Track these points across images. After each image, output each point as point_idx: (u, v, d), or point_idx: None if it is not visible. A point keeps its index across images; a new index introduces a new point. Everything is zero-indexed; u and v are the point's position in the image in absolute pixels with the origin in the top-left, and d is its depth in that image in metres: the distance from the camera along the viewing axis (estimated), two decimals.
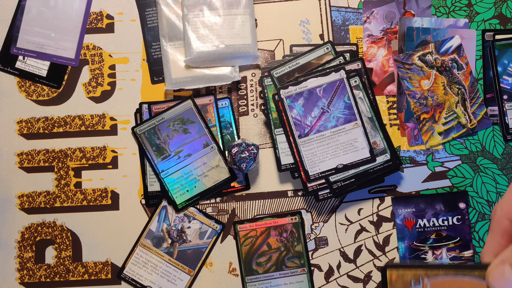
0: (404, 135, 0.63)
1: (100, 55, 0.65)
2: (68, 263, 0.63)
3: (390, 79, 0.64)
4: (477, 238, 0.62)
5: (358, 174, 0.59)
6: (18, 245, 0.63)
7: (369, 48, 0.64)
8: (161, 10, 0.64)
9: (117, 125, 0.64)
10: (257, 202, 0.63)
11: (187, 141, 0.62)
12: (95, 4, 0.66)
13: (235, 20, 0.62)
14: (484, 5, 0.64)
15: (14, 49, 0.65)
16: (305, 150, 0.59)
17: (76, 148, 0.64)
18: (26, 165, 0.64)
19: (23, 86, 0.65)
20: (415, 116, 0.63)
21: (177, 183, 0.62)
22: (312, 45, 0.64)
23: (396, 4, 0.64)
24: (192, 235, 0.62)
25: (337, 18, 0.65)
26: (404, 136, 0.63)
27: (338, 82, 0.59)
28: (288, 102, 0.59)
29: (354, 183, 0.59)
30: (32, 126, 0.64)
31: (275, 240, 0.62)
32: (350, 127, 0.59)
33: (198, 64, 0.63)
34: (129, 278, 0.62)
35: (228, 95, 0.64)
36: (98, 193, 0.63)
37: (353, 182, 0.59)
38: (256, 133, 0.64)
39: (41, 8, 0.65)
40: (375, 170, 0.59)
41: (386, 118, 0.63)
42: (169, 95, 0.64)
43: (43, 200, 0.63)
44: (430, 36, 0.63)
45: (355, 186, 0.60)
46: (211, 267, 0.62)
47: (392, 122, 0.63)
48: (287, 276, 0.61)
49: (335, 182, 0.59)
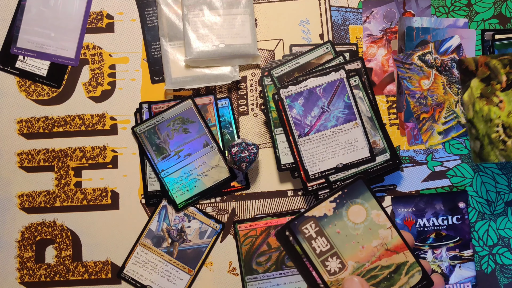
0: (403, 135, 0.63)
1: (100, 55, 0.65)
2: (68, 263, 0.63)
3: (389, 78, 0.64)
4: (477, 238, 0.62)
5: (358, 173, 0.59)
6: (18, 245, 0.63)
7: (369, 48, 0.64)
8: (161, 9, 0.64)
9: (117, 124, 0.64)
10: (257, 201, 0.63)
11: (187, 141, 0.62)
12: (95, 4, 0.66)
13: (235, 20, 0.63)
14: (484, 5, 0.64)
15: (14, 49, 0.65)
16: (305, 150, 0.59)
17: (76, 148, 0.64)
18: (26, 165, 0.64)
19: (23, 86, 0.65)
20: (415, 115, 0.63)
21: (177, 183, 0.62)
22: (312, 45, 0.64)
23: (395, 4, 0.64)
24: (192, 235, 0.62)
25: (337, 18, 0.65)
26: (403, 136, 0.63)
27: (338, 81, 0.59)
28: (288, 102, 0.59)
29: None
30: (32, 126, 0.64)
31: (275, 239, 0.62)
32: (350, 126, 0.59)
33: (198, 63, 0.63)
34: (129, 277, 0.62)
35: (228, 95, 0.64)
36: (98, 193, 0.63)
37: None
38: (256, 133, 0.64)
39: (41, 8, 0.65)
40: (375, 170, 0.59)
41: (386, 118, 0.63)
42: (169, 95, 0.64)
43: (43, 200, 0.63)
44: (429, 35, 0.63)
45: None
46: (211, 267, 0.62)
47: (392, 121, 0.63)
48: (287, 276, 0.61)
49: (335, 181, 0.59)
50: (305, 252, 0.37)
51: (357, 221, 0.37)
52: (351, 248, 0.37)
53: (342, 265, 0.37)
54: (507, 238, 0.62)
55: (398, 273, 0.37)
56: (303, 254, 0.37)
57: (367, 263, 0.37)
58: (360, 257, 0.37)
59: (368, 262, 0.37)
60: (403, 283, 0.37)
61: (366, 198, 0.38)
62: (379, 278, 0.37)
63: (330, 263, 0.37)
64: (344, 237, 0.37)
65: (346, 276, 0.36)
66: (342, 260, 0.37)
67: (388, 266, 0.37)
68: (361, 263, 0.37)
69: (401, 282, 0.37)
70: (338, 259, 0.37)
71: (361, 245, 0.37)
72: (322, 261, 0.37)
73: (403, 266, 0.37)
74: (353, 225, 0.37)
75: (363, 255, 0.37)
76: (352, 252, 0.37)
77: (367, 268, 0.37)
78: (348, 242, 0.37)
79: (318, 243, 0.37)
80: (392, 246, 0.37)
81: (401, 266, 0.37)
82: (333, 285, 0.37)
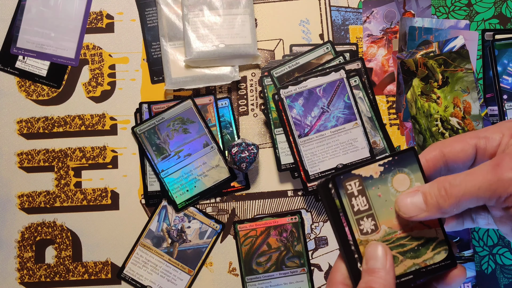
0: (403, 135, 0.63)
1: (100, 55, 0.65)
2: (68, 263, 0.63)
3: (389, 79, 0.64)
4: (477, 238, 0.62)
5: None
6: (18, 245, 0.63)
7: (369, 48, 0.64)
8: (161, 10, 0.64)
9: (117, 125, 0.64)
10: (257, 202, 0.63)
11: (187, 141, 0.62)
12: (95, 4, 0.66)
13: (235, 20, 0.62)
14: (484, 5, 0.64)
15: (14, 49, 0.65)
16: (305, 150, 0.59)
17: (76, 148, 0.64)
18: (26, 165, 0.64)
19: (23, 86, 0.65)
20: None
21: (177, 183, 0.62)
22: (312, 45, 0.64)
23: (396, 4, 0.64)
24: (192, 235, 0.62)
25: (337, 18, 0.65)
26: (403, 136, 0.63)
27: (338, 81, 0.59)
28: (288, 102, 0.59)
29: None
30: (32, 126, 0.64)
31: (275, 239, 0.62)
32: (350, 126, 0.59)
33: (198, 64, 0.63)
34: (129, 278, 0.62)
35: (228, 95, 0.64)
36: (98, 193, 0.63)
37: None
38: (256, 133, 0.64)
39: (41, 8, 0.65)
40: None
41: (386, 118, 0.63)
42: (169, 95, 0.64)
43: (43, 200, 0.63)
44: (432, 36, 0.63)
45: None
46: (211, 267, 0.62)
47: (392, 121, 0.63)
48: (287, 276, 0.61)
49: None
50: (343, 207, 0.38)
51: (399, 189, 0.38)
52: (388, 214, 0.38)
53: (375, 227, 0.38)
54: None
55: (425, 247, 0.38)
56: (341, 208, 0.38)
57: (399, 231, 0.38)
58: (393, 224, 0.38)
59: (400, 231, 0.38)
60: (428, 258, 0.38)
61: (413, 170, 0.38)
62: (407, 248, 0.38)
63: (365, 223, 0.38)
64: (384, 202, 0.38)
65: (372, 242, 0.37)
66: (376, 223, 0.38)
67: (418, 238, 0.38)
68: (393, 230, 0.38)
69: (426, 256, 0.38)
70: (373, 220, 0.38)
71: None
72: (357, 220, 0.38)
73: (432, 241, 0.38)
74: (395, 192, 0.38)
75: (397, 222, 0.38)
76: (388, 217, 0.38)
77: (397, 236, 0.38)
78: (386, 207, 0.38)
79: (358, 201, 0.38)
80: (427, 220, 0.38)
81: (430, 241, 0.38)
82: (362, 244, 0.38)
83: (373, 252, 0.37)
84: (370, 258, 0.37)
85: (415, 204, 0.36)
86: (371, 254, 0.37)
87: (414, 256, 0.38)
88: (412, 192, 0.37)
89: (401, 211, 0.36)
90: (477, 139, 0.37)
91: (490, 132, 0.37)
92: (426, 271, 0.37)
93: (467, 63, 0.60)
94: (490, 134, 0.37)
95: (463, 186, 0.34)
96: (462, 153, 0.38)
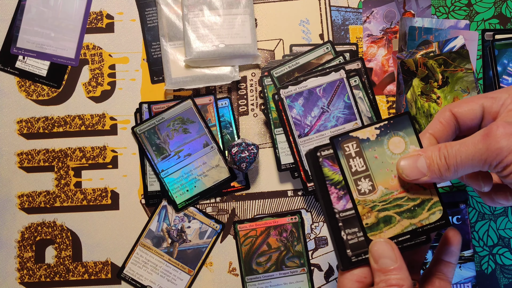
0: None
1: (100, 55, 0.65)
2: (68, 263, 0.63)
3: (390, 79, 0.64)
4: (477, 238, 0.62)
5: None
6: (18, 245, 0.63)
7: (369, 48, 0.64)
8: (161, 10, 0.64)
9: (117, 125, 0.64)
10: (257, 202, 0.63)
11: (187, 141, 0.62)
12: (95, 4, 0.66)
13: (235, 20, 0.63)
14: (484, 5, 0.64)
15: (14, 49, 0.65)
16: (305, 150, 0.59)
17: (76, 148, 0.64)
18: (26, 165, 0.64)
19: (23, 86, 0.65)
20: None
21: (177, 183, 0.62)
22: (312, 45, 0.64)
23: (396, 4, 0.64)
24: (192, 235, 0.62)
25: (337, 18, 0.65)
26: None
27: (338, 81, 0.59)
28: (288, 102, 0.59)
29: None
30: (32, 126, 0.64)
31: (275, 239, 0.62)
32: (350, 127, 0.59)
33: (198, 63, 0.63)
34: (129, 277, 0.62)
35: (228, 95, 0.64)
36: (98, 193, 0.63)
37: None
38: (256, 133, 0.64)
39: (41, 8, 0.65)
40: None
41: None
42: (169, 95, 0.64)
43: (43, 200, 0.63)
44: (432, 36, 0.63)
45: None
46: (211, 267, 0.62)
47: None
48: (287, 276, 0.61)
49: None
50: (341, 168, 0.40)
51: (395, 152, 0.40)
52: (384, 174, 0.39)
53: (372, 187, 0.39)
54: (507, 238, 0.62)
55: (421, 207, 0.39)
56: (327, 176, 0.40)
57: (396, 191, 0.39)
58: (390, 185, 0.39)
59: (397, 191, 0.39)
60: (423, 218, 0.39)
61: (408, 133, 0.40)
62: (403, 208, 0.39)
63: (362, 184, 0.39)
64: (380, 163, 0.40)
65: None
66: (373, 183, 0.39)
67: (413, 199, 0.39)
68: (390, 190, 0.39)
69: (422, 216, 0.39)
70: (370, 181, 0.39)
71: (394, 174, 0.39)
72: (355, 180, 0.40)
73: (427, 202, 0.39)
74: (391, 154, 0.40)
75: (394, 183, 0.39)
76: (384, 178, 0.39)
77: (394, 196, 0.39)
78: (382, 168, 0.39)
79: (355, 162, 0.40)
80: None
81: (426, 201, 0.39)
82: (360, 204, 0.39)
83: (381, 250, 0.37)
84: (379, 256, 0.37)
85: (419, 168, 0.37)
86: (379, 253, 0.37)
87: (411, 216, 0.39)
88: (415, 155, 0.38)
89: (404, 174, 0.38)
90: (484, 99, 0.39)
91: (498, 93, 0.39)
92: (422, 230, 0.39)
93: (467, 63, 0.60)
94: (498, 94, 0.39)
95: (458, 156, 0.36)
96: (469, 112, 0.39)
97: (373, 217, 0.39)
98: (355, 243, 0.39)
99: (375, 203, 0.39)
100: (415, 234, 0.39)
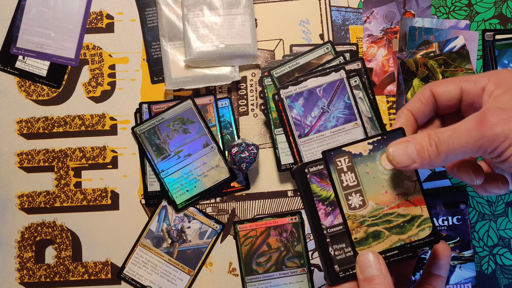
0: None
1: (100, 55, 0.65)
2: (68, 263, 0.63)
3: (390, 79, 0.64)
4: (477, 238, 0.62)
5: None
6: (18, 245, 0.63)
7: (369, 48, 0.64)
8: (161, 10, 0.64)
9: (117, 125, 0.64)
10: (257, 202, 0.63)
11: (187, 141, 0.62)
12: (95, 4, 0.66)
13: (235, 20, 0.62)
14: (484, 5, 0.64)
15: (14, 49, 0.65)
16: (305, 150, 0.59)
17: (76, 148, 0.64)
18: (26, 165, 0.64)
19: (23, 86, 0.65)
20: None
21: (177, 183, 0.62)
22: (312, 45, 0.64)
23: (396, 4, 0.64)
24: (192, 235, 0.62)
25: (337, 18, 0.65)
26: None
27: (338, 82, 0.59)
28: (288, 102, 0.59)
29: None
30: (32, 126, 0.64)
31: (275, 240, 0.62)
32: (350, 127, 0.59)
33: (198, 64, 0.63)
34: (129, 278, 0.62)
35: (228, 95, 0.64)
36: (98, 193, 0.63)
37: None
38: (256, 133, 0.64)
39: (41, 8, 0.65)
40: None
41: (386, 118, 0.63)
42: (169, 95, 0.64)
43: (43, 200, 0.63)
44: (432, 36, 0.63)
45: None
46: (211, 267, 0.62)
47: (392, 122, 0.63)
48: (287, 276, 0.61)
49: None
50: (332, 182, 0.40)
51: (387, 167, 0.40)
52: (375, 190, 0.39)
53: (363, 202, 0.39)
54: (508, 238, 0.62)
55: (411, 223, 0.39)
56: (315, 193, 0.40)
57: (386, 207, 0.39)
58: (381, 200, 0.39)
59: (387, 207, 0.39)
60: (412, 234, 0.39)
61: None
62: (393, 224, 0.39)
63: (353, 198, 0.39)
64: (372, 179, 0.39)
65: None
66: (364, 198, 0.39)
67: (403, 215, 0.39)
68: (380, 206, 0.39)
69: (411, 232, 0.39)
70: (361, 196, 0.39)
71: (385, 190, 0.39)
72: (346, 195, 0.40)
73: (417, 218, 0.39)
74: (382, 169, 0.39)
75: (385, 199, 0.39)
76: (375, 193, 0.39)
77: (384, 212, 0.39)
78: (374, 183, 0.39)
79: (347, 177, 0.40)
80: (413, 198, 0.40)
81: (416, 218, 0.39)
82: (350, 218, 0.39)
83: (366, 260, 0.37)
84: (365, 267, 0.37)
85: (409, 154, 0.37)
86: (364, 263, 0.37)
87: (400, 232, 0.39)
88: (404, 142, 0.37)
89: (395, 161, 0.37)
90: (465, 82, 0.39)
91: (478, 77, 0.39)
92: (410, 246, 0.39)
93: (467, 63, 0.60)
94: (478, 78, 0.39)
95: (451, 142, 0.36)
96: (448, 93, 0.40)
97: (362, 232, 0.39)
98: (342, 258, 0.39)
99: (365, 218, 0.39)
100: (404, 249, 0.39)
